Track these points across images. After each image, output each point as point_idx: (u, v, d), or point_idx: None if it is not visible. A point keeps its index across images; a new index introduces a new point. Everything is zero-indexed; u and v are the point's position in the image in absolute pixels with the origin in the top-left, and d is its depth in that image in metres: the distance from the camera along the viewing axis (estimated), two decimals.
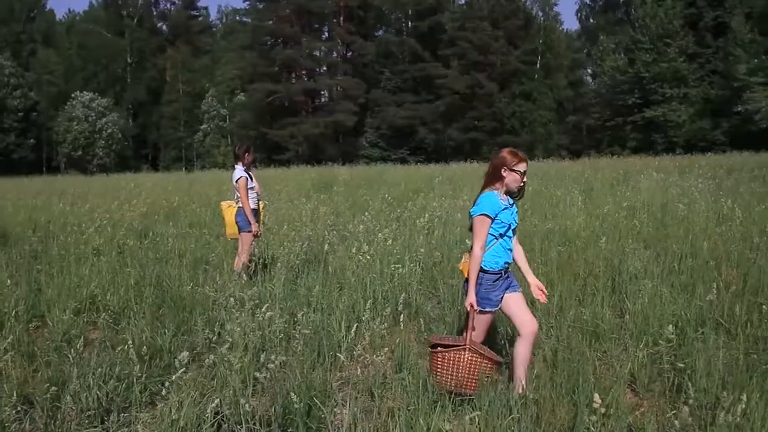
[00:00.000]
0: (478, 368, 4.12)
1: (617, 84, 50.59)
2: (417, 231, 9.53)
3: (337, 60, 62.10)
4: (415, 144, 53.76)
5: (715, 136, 44.12)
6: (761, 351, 4.90)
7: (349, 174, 23.73)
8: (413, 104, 54.13)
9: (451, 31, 55.65)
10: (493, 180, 4.39)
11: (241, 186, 7.66)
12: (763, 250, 7.48)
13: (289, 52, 58.31)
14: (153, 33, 70.44)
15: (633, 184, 14.93)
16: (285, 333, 5.26)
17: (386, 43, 58.01)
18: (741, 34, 43.23)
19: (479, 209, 4.29)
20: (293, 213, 12.30)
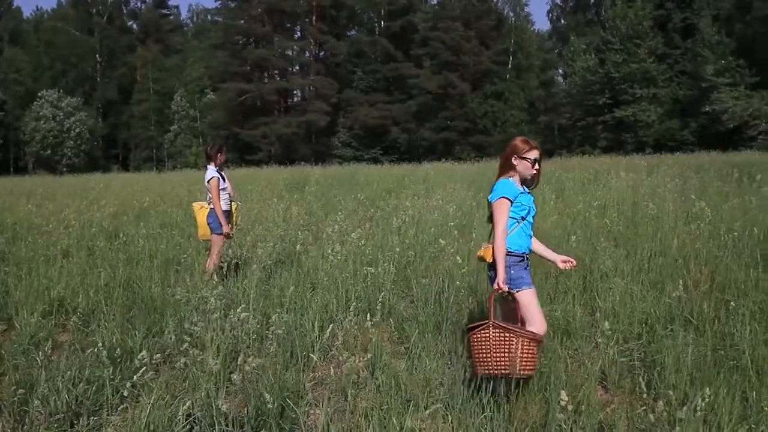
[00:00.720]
0: (511, 346, 3.90)
1: (588, 84, 51.07)
2: (390, 231, 9.54)
3: (310, 59, 61.94)
4: (387, 144, 53.81)
5: (683, 136, 44.74)
6: (728, 347, 4.98)
7: (321, 174, 23.66)
8: (386, 104, 54.16)
9: (423, 31, 55.76)
10: (506, 169, 4.41)
11: (213, 187, 7.55)
12: (731, 248, 7.60)
13: (261, 52, 58.04)
14: (123, 31, 69.64)
15: (604, 183, 15.06)
16: (258, 334, 5.23)
17: (359, 42, 57.98)
18: (708, 35, 43.90)
19: (497, 193, 4.29)
20: (265, 213, 12.24)
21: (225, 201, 7.76)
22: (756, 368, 4.47)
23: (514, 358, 3.87)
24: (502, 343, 3.92)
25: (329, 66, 60.23)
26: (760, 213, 9.57)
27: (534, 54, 62.66)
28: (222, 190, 7.69)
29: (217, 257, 7.61)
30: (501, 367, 3.93)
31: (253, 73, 60.00)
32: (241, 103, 56.10)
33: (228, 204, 7.85)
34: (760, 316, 5.51)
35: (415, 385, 4.47)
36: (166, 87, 63.15)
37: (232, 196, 8.08)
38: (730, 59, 42.26)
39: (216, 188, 7.57)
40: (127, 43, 68.18)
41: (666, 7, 49.58)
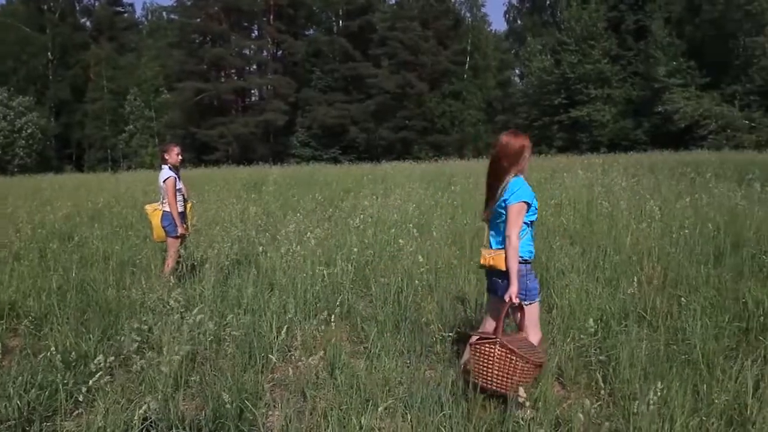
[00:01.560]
0: (510, 367, 3.84)
1: (544, 84, 51.68)
2: (348, 230, 9.53)
3: (267, 59, 61.48)
4: (346, 143, 53.74)
5: (637, 136, 45.56)
6: (680, 342, 5.10)
7: (280, 174, 23.54)
8: (344, 103, 54.07)
9: (381, 31, 55.81)
10: (517, 164, 4.11)
11: (169, 187, 7.41)
12: (682, 245, 7.78)
13: (218, 51, 57.44)
14: (76, 29, 68.11)
15: (560, 182, 15.27)
16: (215, 335, 5.18)
17: (316, 42, 57.74)
18: (660, 37, 44.78)
19: (518, 196, 4.01)
20: (223, 214, 12.13)
21: (180, 202, 7.62)
22: (707, 362, 4.58)
23: (513, 380, 3.84)
24: (506, 363, 3.85)
25: (287, 65, 59.87)
26: (711, 210, 9.81)
27: (491, 54, 63.15)
28: (177, 190, 7.55)
29: (173, 260, 7.49)
30: (499, 385, 3.88)
31: (210, 72, 59.33)
32: (197, 102, 55.43)
33: (183, 204, 7.71)
34: (710, 311, 5.65)
35: (374, 384, 4.47)
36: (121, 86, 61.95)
37: (187, 196, 7.93)
38: (681, 61, 43.17)
39: (172, 188, 7.43)
40: (80, 41, 66.67)
41: (619, 9, 50.45)
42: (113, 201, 15.31)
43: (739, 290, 6.19)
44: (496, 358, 3.85)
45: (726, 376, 4.19)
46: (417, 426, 3.84)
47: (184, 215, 7.71)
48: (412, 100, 53.98)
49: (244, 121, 55.00)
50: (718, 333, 5.11)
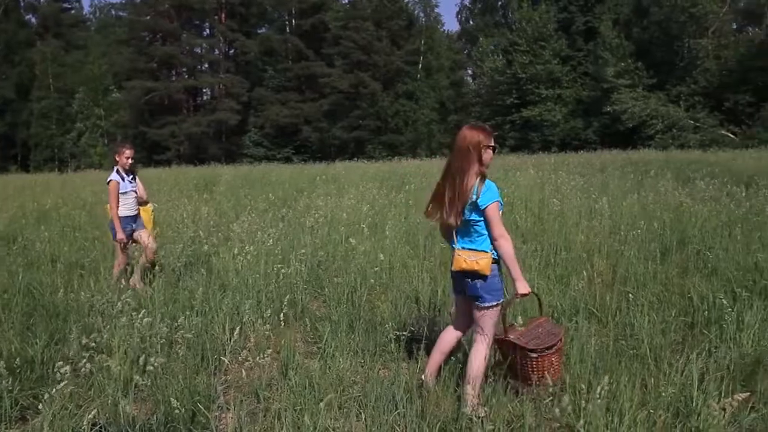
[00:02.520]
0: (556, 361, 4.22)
1: (496, 84, 52.23)
2: (302, 230, 9.49)
3: (219, 57, 60.77)
4: (299, 143, 53.46)
5: (587, 135, 46.35)
6: (629, 337, 5.20)
7: (232, 173, 23.31)
8: (297, 103, 53.78)
9: (334, 30, 55.63)
10: (472, 162, 4.04)
11: (110, 190, 7.19)
12: (630, 242, 7.94)
13: (169, 49, 56.55)
14: (21, 26, 66.27)
15: (512, 181, 15.44)
16: (166, 338, 5.10)
17: (269, 40, 57.30)
18: (609, 38, 45.59)
19: (491, 197, 3.98)
20: (174, 214, 11.95)
21: (127, 206, 7.37)
22: (654, 356, 4.69)
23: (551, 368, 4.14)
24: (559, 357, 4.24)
25: (239, 64, 59.30)
26: (657, 208, 10.04)
27: (444, 54, 63.51)
28: (123, 194, 7.29)
29: (117, 263, 7.36)
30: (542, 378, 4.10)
31: (161, 70, 58.41)
32: (147, 101, 54.52)
33: (133, 209, 7.47)
34: (657, 306, 5.79)
35: (328, 384, 4.46)
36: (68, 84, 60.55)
37: (143, 199, 7.69)
38: (629, 62, 44.03)
39: (113, 192, 7.19)
40: (25, 38, 64.90)
41: (569, 10, 51.27)
42: (61, 202, 14.96)
43: (684, 286, 6.35)
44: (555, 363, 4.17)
45: (672, 369, 4.28)
46: (371, 425, 3.85)
47: (135, 219, 7.50)
48: (365, 100, 53.96)
49: (195, 121, 54.31)
50: (665, 328, 5.24)
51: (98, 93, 57.34)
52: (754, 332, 5.03)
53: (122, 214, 7.27)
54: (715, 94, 41.53)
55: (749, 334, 4.99)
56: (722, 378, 4.21)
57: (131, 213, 7.41)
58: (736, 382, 4.29)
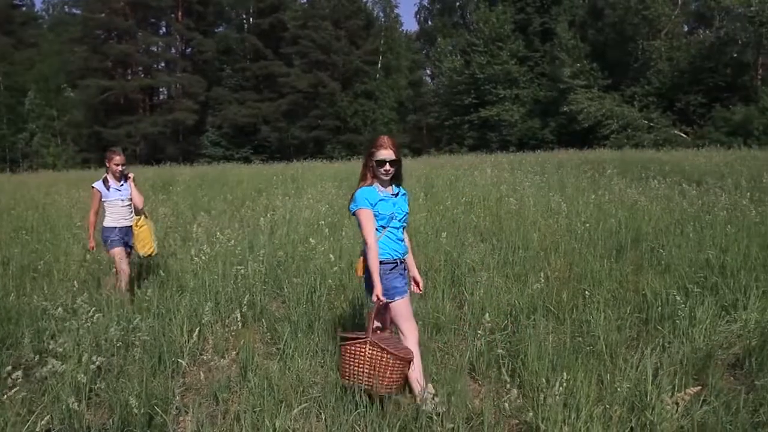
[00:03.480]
0: (382, 364, 3.96)
1: (454, 85, 52.51)
2: (260, 231, 9.43)
3: (176, 56, 60.01)
4: (258, 142, 53.07)
5: (544, 135, 46.85)
6: (585, 333, 5.28)
7: (189, 174, 23.03)
8: (255, 102, 53.38)
9: (293, 30, 55.34)
10: (365, 171, 4.30)
11: (92, 196, 6.84)
12: (586, 241, 8.07)
13: (124, 47, 55.58)
14: None
15: (470, 180, 15.56)
16: (123, 341, 5.03)
17: (227, 39, 56.77)
18: (565, 39, 46.16)
19: (355, 205, 4.21)
20: None
21: (115, 216, 6.84)
22: (610, 352, 4.77)
23: (384, 377, 3.96)
24: (376, 361, 3.96)
25: (197, 63, 58.61)
26: (612, 207, 10.20)
27: (403, 54, 63.65)
28: (107, 201, 6.81)
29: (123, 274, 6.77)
30: (369, 383, 3.98)
31: (116, 69, 57.41)
32: (102, 100, 53.52)
33: (123, 219, 6.89)
34: (613, 303, 5.89)
35: (288, 385, 4.44)
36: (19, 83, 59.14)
37: (140, 209, 7.00)
38: (584, 62, 44.65)
39: (95, 199, 6.80)
40: None
41: (526, 11, 51.79)
42: (12, 203, 14.62)
43: (639, 283, 6.48)
44: (366, 357, 3.97)
45: (627, 365, 4.36)
46: (332, 426, 3.84)
47: (127, 231, 6.90)
48: (324, 100, 53.79)
49: (152, 120, 53.54)
50: (620, 324, 5.33)
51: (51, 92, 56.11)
52: (705, 327, 5.15)
53: (108, 224, 6.81)
54: (667, 94, 42.37)
55: (701, 329, 5.11)
56: (675, 372, 4.31)
57: (119, 224, 6.86)
58: (688, 376, 4.39)
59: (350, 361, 4.03)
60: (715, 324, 5.28)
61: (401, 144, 55.56)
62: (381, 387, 3.96)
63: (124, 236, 6.86)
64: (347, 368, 4.06)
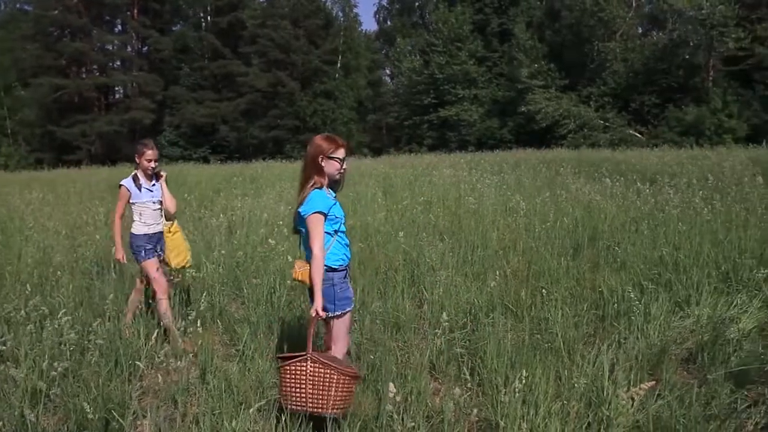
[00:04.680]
0: (325, 382, 3.66)
1: (414, 84, 52.73)
2: (219, 232, 9.35)
3: (132, 54, 59.04)
4: (216, 142, 52.50)
5: (502, 135, 47.29)
6: (543, 331, 5.35)
7: None
8: (214, 102, 52.81)
9: (251, 28, 54.90)
10: (312, 172, 4.02)
11: (119, 196, 5.90)
12: (544, 239, 8.16)
13: (78, 45, 54.45)
14: None
15: (429, 179, 15.63)
16: (78, 344, 4.93)
17: (184, 38, 56.07)
18: (523, 40, 46.65)
19: (311, 207, 3.91)
20: (85, 216, 11.55)
21: (145, 220, 5.94)
22: (567, 349, 4.84)
23: (330, 396, 3.67)
24: (319, 379, 3.66)
25: (153, 62, 57.73)
26: (569, 205, 10.34)
27: (362, 54, 63.66)
28: (136, 204, 5.91)
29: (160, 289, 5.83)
30: (314, 405, 3.68)
31: (70, 67, 56.22)
32: (56, 99, 52.38)
33: (155, 225, 6.01)
34: (570, 300, 5.97)
35: (247, 387, 4.42)
36: None
37: (171, 214, 6.19)
38: (542, 63, 45.18)
39: (121, 199, 5.89)
40: None
41: (484, 12, 52.26)
42: None
43: (595, 280, 6.58)
44: (309, 375, 3.67)
45: (585, 361, 4.43)
46: (291, 427, 3.82)
47: (158, 238, 6.03)
48: (283, 99, 53.48)
49: (107, 120, 52.56)
50: (578, 321, 5.41)
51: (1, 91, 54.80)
52: (659, 323, 5.26)
53: (138, 230, 5.91)
54: (622, 95, 43.09)
55: (656, 325, 5.22)
56: (631, 368, 4.39)
57: (151, 230, 5.97)
58: (643, 372, 4.47)
59: (290, 382, 3.72)
60: (669, 320, 5.40)
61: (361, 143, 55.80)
62: (327, 407, 3.66)
63: (155, 244, 5.99)
64: (288, 391, 3.74)
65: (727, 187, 11.73)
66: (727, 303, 5.69)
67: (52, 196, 15.77)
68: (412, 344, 5.30)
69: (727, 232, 7.91)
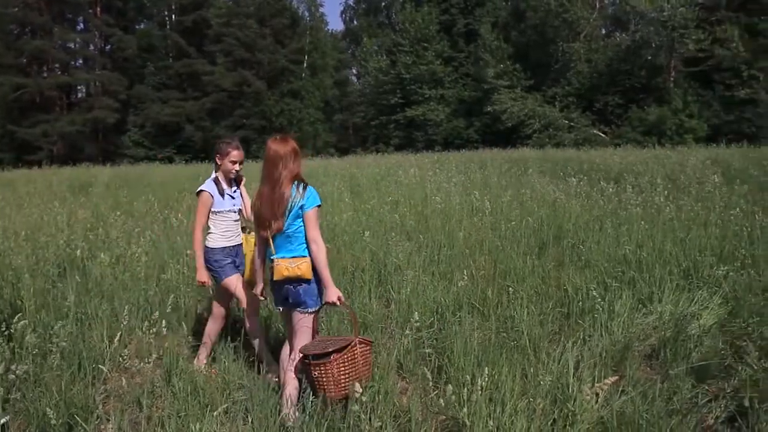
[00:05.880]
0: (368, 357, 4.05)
1: (380, 84, 52.83)
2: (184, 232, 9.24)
3: (95, 53, 58.15)
4: (181, 142, 51.95)
5: (469, 134, 47.63)
6: (510, 329, 5.39)
7: (110, 174, 22.39)
8: (179, 101, 52.28)
9: (217, 27, 54.41)
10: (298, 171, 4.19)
11: (201, 203, 5.07)
12: (509, 238, 8.22)
13: (39, 43, 53.48)
14: None
15: (396, 179, 15.64)
16: (40, 348, 4.84)
17: (148, 36, 55.40)
18: (489, 41, 47.03)
19: (314, 201, 4.10)
20: (46, 218, 11.35)
21: (225, 231, 5.16)
22: (533, 346, 4.88)
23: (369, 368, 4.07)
24: (366, 356, 4.01)
25: (117, 60, 56.96)
26: (534, 204, 10.44)
27: (329, 54, 63.52)
28: (218, 213, 5.11)
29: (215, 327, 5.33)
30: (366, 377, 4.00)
31: (31, 66, 55.23)
32: (16, 98, 51.39)
33: (235, 237, 5.24)
34: (536, 299, 6.03)
35: (213, 388, 4.38)
36: None
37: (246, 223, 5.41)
38: (507, 63, 45.58)
39: (205, 208, 5.07)
40: None
41: (451, 12, 52.59)
42: None
43: (560, 278, 6.65)
44: (358, 357, 3.94)
45: (550, 358, 4.48)
46: (258, 428, 3.80)
47: (237, 251, 5.28)
48: (249, 99, 53.12)
49: (70, 119, 51.72)
50: (543, 319, 5.46)
51: None
52: (623, 320, 5.34)
53: (215, 243, 5.12)
54: (586, 95, 43.66)
55: (619, 322, 5.30)
56: (595, 364, 4.45)
57: (230, 243, 5.19)
58: (607, 368, 4.54)
59: (345, 370, 3.89)
60: (633, 317, 5.48)
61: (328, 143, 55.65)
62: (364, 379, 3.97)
63: (234, 257, 5.22)
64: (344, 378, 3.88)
65: (688, 186, 11.94)
66: (689, 300, 5.79)
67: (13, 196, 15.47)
68: (379, 344, 5.29)
69: (688, 231, 8.06)
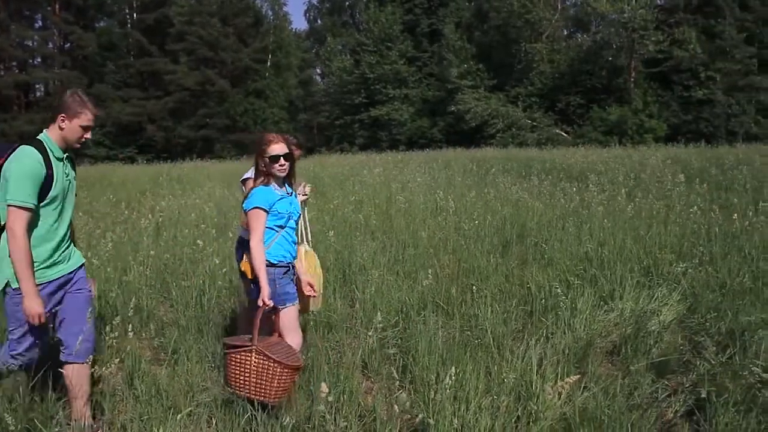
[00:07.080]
0: (269, 373, 3.76)
1: (345, 84, 52.78)
2: (146, 233, 9.13)
3: (54, 51, 57.10)
4: (143, 142, 51.26)
5: (433, 134, 47.82)
6: (474, 327, 5.42)
7: None
8: (140, 100, 51.55)
9: (179, 26, 53.80)
10: (257, 169, 4.17)
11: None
12: (473, 237, 8.28)
13: None
14: None
15: (360, 179, 15.64)
16: None
17: (109, 34, 54.54)
18: (452, 41, 47.30)
19: (251, 203, 4.04)
20: None
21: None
22: (497, 344, 4.91)
23: (271, 386, 3.79)
24: (263, 370, 3.78)
25: (76, 59, 55.98)
26: (498, 203, 10.52)
27: (293, 53, 63.24)
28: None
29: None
30: (257, 393, 3.81)
31: None
32: None
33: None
34: (499, 297, 6.07)
35: (177, 391, 4.33)
36: None
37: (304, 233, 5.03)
38: (471, 63, 45.90)
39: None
40: None
41: (414, 12, 52.75)
42: None
43: (524, 276, 6.71)
44: (253, 367, 3.78)
45: (514, 356, 4.51)
46: (223, 429, 3.77)
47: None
48: (213, 98, 52.64)
49: (28, 118, 50.65)
50: (507, 317, 5.50)
51: None
52: (585, 317, 5.40)
53: None
54: (549, 95, 44.15)
55: (582, 319, 5.36)
56: (558, 362, 4.50)
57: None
58: (570, 365, 4.59)
59: (236, 370, 3.85)
60: (594, 314, 5.55)
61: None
62: (269, 396, 3.80)
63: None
64: (233, 377, 3.87)
65: (648, 184, 12.14)
66: (649, 296, 5.89)
67: None
68: (344, 344, 5.29)
69: (649, 228, 8.19)
